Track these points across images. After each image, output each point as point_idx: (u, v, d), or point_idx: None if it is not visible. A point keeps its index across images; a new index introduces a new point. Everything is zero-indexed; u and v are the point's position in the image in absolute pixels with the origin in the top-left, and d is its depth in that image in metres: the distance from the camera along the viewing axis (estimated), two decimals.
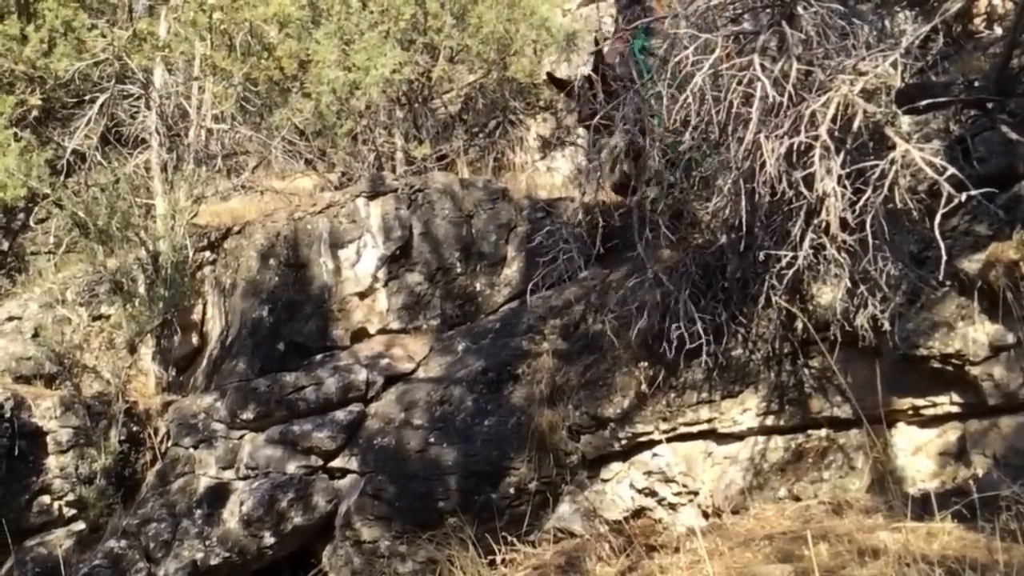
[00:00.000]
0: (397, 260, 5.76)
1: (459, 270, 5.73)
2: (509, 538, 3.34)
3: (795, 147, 3.20)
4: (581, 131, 7.71)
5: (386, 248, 5.78)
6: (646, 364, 3.83)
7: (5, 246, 8.19)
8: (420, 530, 3.95)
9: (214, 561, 4.73)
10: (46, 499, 5.03)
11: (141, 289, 5.87)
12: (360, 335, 5.68)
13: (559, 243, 4.39)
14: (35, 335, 5.98)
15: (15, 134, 6.82)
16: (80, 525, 5.10)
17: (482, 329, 5.31)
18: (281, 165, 8.01)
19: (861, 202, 3.08)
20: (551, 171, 8.33)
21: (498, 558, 3.14)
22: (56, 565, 4.70)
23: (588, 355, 4.36)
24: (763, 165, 3.25)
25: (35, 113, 7.39)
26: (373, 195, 5.95)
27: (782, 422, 3.78)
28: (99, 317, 6.13)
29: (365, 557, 4.27)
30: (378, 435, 4.77)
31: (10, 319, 6.21)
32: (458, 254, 5.76)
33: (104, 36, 6.47)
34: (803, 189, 3.24)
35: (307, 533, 4.75)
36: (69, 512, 5.13)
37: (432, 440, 4.52)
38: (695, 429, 3.84)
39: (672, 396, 3.86)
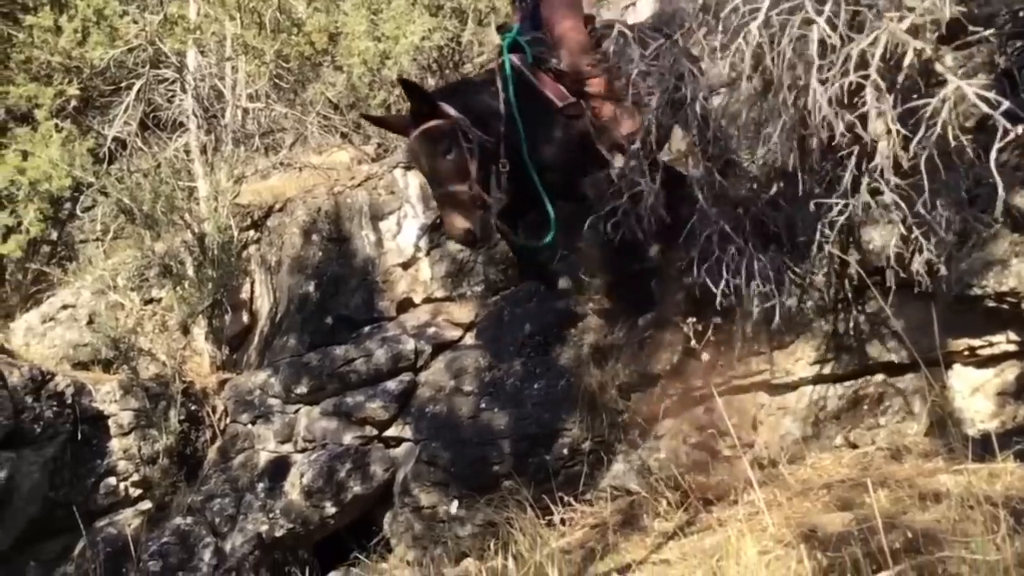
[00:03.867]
0: (438, 228, 5.76)
1: (498, 238, 5.72)
2: (565, 498, 3.35)
3: (845, 88, 3.12)
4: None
5: (426, 217, 5.79)
6: (695, 319, 3.80)
7: (54, 236, 8.34)
8: (477, 494, 3.98)
9: (278, 532, 4.82)
10: (112, 481, 5.16)
11: (190, 271, 5.96)
12: (405, 305, 5.71)
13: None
14: (90, 322, 6.11)
15: (56, 125, 6.93)
16: (147, 504, 5.24)
17: (526, 293, 5.31)
18: (317, 140, 8.04)
19: (914, 142, 3.00)
20: None
21: (556, 518, 3.15)
22: (126, 544, 4.83)
23: (635, 312, 4.34)
24: (813, 111, 3.17)
25: (74, 103, 7.50)
26: (410, 165, 5.95)
27: (837, 370, 3.73)
28: (150, 301, 6.24)
29: (425, 522, 4.32)
30: (430, 403, 4.81)
31: (64, 307, 6.35)
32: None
33: (136, 22, 6.52)
34: (854, 132, 3.17)
35: (367, 502, 4.82)
36: (135, 492, 5.26)
37: (483, 405, 4.55)
38: (747, 381, 3.80)
39: (723, 349, 3.83)
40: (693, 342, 3.26)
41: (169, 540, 4.89)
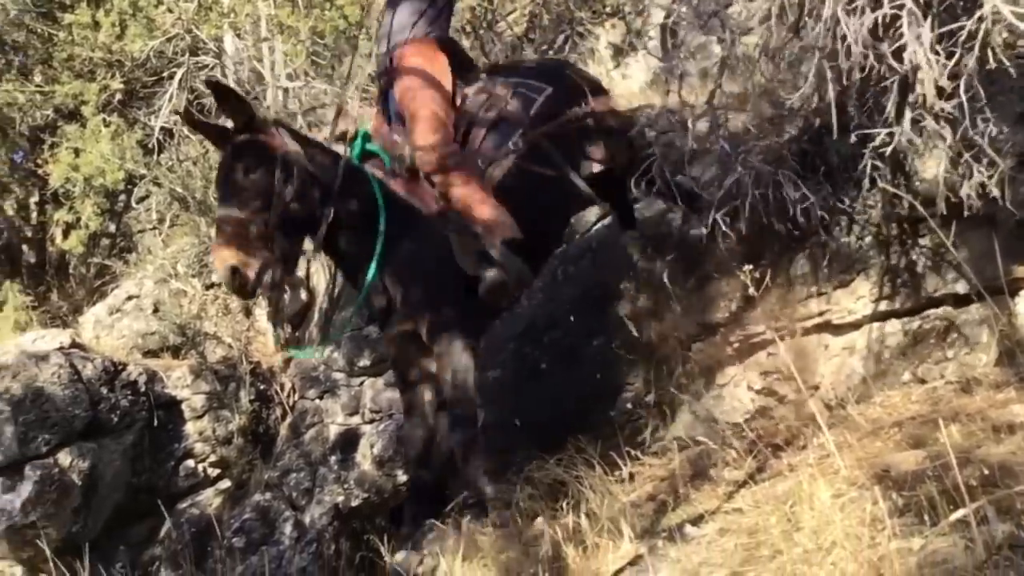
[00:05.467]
0: None
1: None
2: (632, 452, 3.37)
3: (880, 20, 3.03)
4: (653, 33, 7.51)
5: None
6: (751, 264, 3.76)
7: (112, 228, 8.55)
8: (544, 454, 4.02)
9: (354, 503, 4.94)
10: (190, 463, 5.33)
11: None
12: None
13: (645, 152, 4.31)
14: (155, 310, 6.27)
15: (104, 120, 7.07)
16: (225, 483, 5.41)
17: (579, 250, 5.30)
18: (357, 112, 8.06)
19: (953, 65, 2.92)
20: (626, 78, 8.14)
21: (624, 472, 3.17)
22: (209, 522, 5.00)
23: (689, 262, 4.30)
24: (847, 45, 3.09)
25: (119, 97, 7.62)
26: None
27: (898, 306, 3.67)
28: (211, 286, 6.37)
29: (494, 484, 4.39)
30: (490, 366, 4.85)
31: (129, 298, 6.52)
32: None
33: (171, 11, 6.58)
34: (893, 62, 3.08)
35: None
36: (213, 472, 5.43)
37: (543, 366, 4.57)
38: (809, 323, 3.77)
39: (781, 293, 3.79)
40: (751, 289, 3.22)
41: (250, 516, 5.05)
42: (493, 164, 3.54)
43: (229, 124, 3.27)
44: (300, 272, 4.94)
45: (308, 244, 3.73)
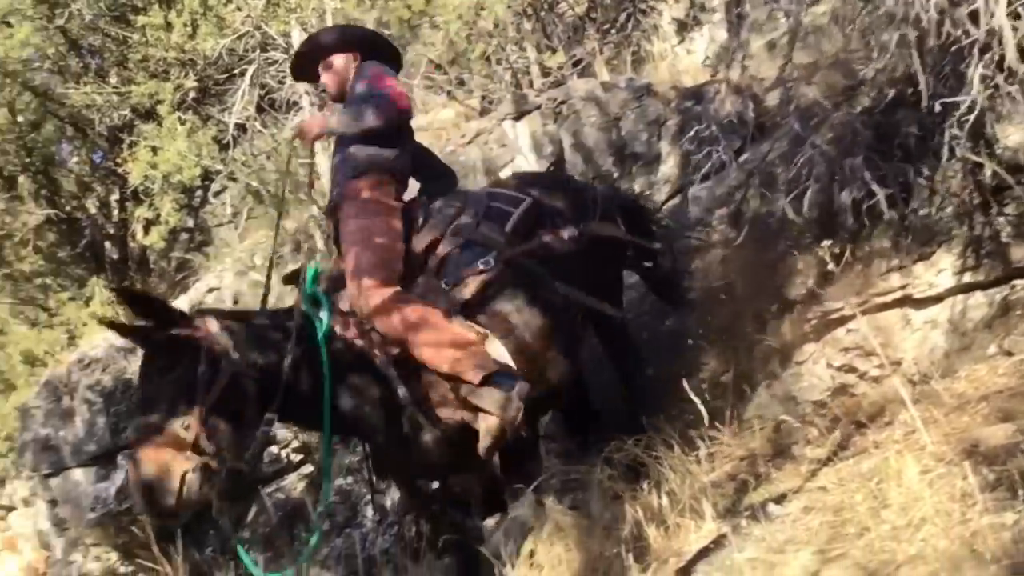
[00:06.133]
0: None
1: (615, 175, 5.69)
2: (710, 433, 3.35)
3: None
4: (718, 6, 7.40)
5: (539, 166, 5.81)
6: (827, 239, 3.71)
7: (190, 223, 8.79)
8: (623, 435, 4.04)
9: (434, 486, 5.01)
10: (274, 449, 5.48)
11: (320, 244, 6.19)
12: None
13: (713, 129, 4.27)
14: (235, 302, 6.44)
15: (179, 118, 7.26)
16: (308, 468, 5.54)
17: None
18: (422, 99, 8.13)
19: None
20: (691, 54, 8.05)
21: (702, 453, 3.16)
22: (295, 506, 5.15)
23: (763, 239, 4.25)
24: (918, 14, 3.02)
25: (192, 95, 7.83)
26: (518, 116, 5.96)
27: (982, 277, 3.57)
28: (289, 278, 6.51)
29: (573, 467, 4.42)
30: None
31: (210, 291, 6.70)
32: (611, 159, 5.71)
33: (240, 9, 6.72)
34: (970, 26, 3.00)
35: (514, 449, 4.95)
36: (296, 458, 5.57)
37: None
38: (889, 298, 3.69)
39: (860, 268, 3.73)
40: (830, 264, 3.17)
41: (333, 500, 5.17)
42: (459, 285, 3.17)
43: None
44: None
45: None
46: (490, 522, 3.62)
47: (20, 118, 8.23)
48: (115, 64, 8.37)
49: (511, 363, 3.03)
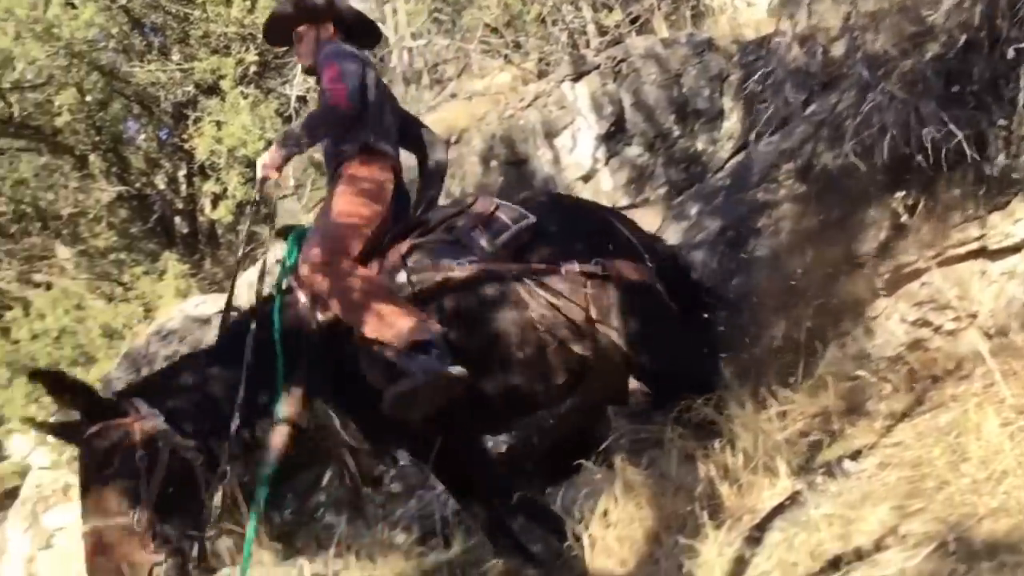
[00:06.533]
0: (613, 137, 5.74)
1: (677, 133, 5.62)
2: (781, 391, 3.32)
3: None
4: None
5: (600, 127, 5.77)
6: (899, 191, 3.61)
7: (257, 196, 8.92)
8: (694, 396, 4.03)
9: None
10: None
11: None
12: None
13: (777, 83, 4.18)
14: None
15: (242, 92, 7.37)
16: None
17: (712, 189, 5.21)
18: (480, 64, 8.11)
19: None
20: (751, 6, 7.87)
21: (773, 411, 3.14)
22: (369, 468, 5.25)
23: (832, 193, 4.17)
24: None
25: (253, 69, 7.93)
26: (577, 76, 5.92)
27: None
28: None
29: (643, 427, 4.43)
30: None
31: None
32: (673, 117, 5.64)
33: None
34: None
35: (582, 413, 4.96)
36: None
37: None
38: (963, 250, 3.59)
39: (933, 220, 3.63)
40: (904, 216, 3.10)
41: (404, 464, 5.26)
42: (421, 273, 3.10)
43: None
44: None
45: None
46: (560, 482, 3.67)
47: (88, 98, 8.43)
48: (177, 41, 8.51)
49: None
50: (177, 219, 8.92)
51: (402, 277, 3.07)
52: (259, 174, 3.22)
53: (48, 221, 8.84)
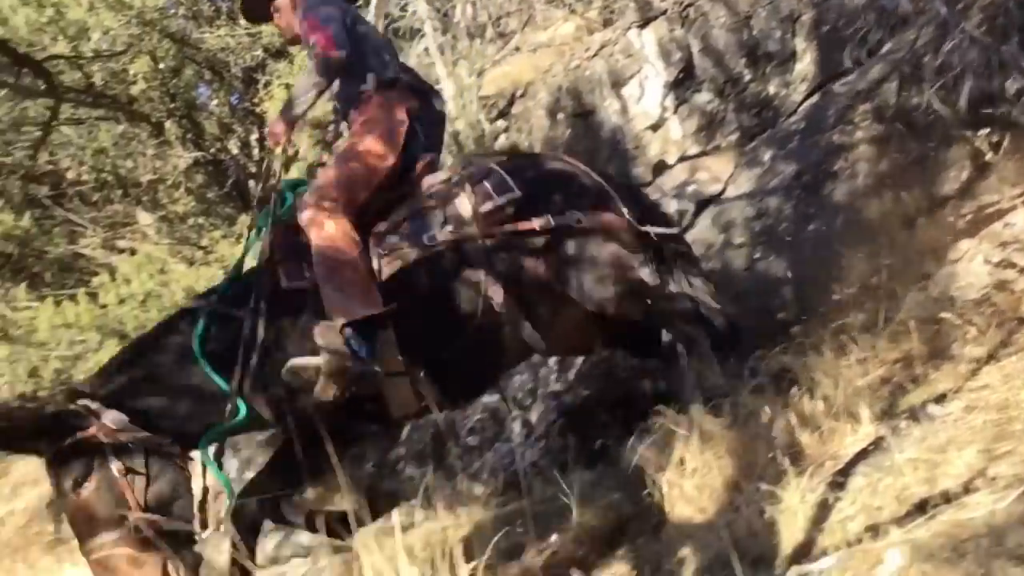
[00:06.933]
0: (682, 84, 5.64)
1: (748, 78, 5.50)
2: (861, 336, 3.27)
3: None
4: None
5: (668, 74, 5.68)
6: (982, 130, 3.50)
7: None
8: (764, 344, 3.99)
9: (577, 400, 5.11)
10: None
11: None
12: (660, 168, 5.69)
13: (850, 21, 4.05)
14: None
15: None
16: None
17: (786, 133, 5.10)
18: (544, 15, 8.01)
19: None
20: None
21: (854, 358, 3.10)
22: (445, 425, 5.35)
23: (911, 134, 4.05)
24: None
25: None
26: (643, 23, 5.82)
27: None
28: None
29: (716, 377, 4.41)
30: (701, 261, 4.81)
31: None
32: (743, 61, 5.52)
33: None
34: None
35: (653, 362, 4.97)
36: None
37: (757, 255, 4.49)
38: None
39: (1017, 158, 3.51)
40: (988, 155, 2.99)
41: (481, 417, 5.35)
42: (391, 256, 3.03)
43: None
44: None
45: None
46: (635, 432, 3.68)
47: (161, 65, 8.59)
48: None
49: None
50: (251, 183, 9.09)
51: (381, 251, 3.03)
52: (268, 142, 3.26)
53: (128, 188, 9.10)
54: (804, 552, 2.05)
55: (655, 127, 5.70)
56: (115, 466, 2.54)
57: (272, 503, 2.91)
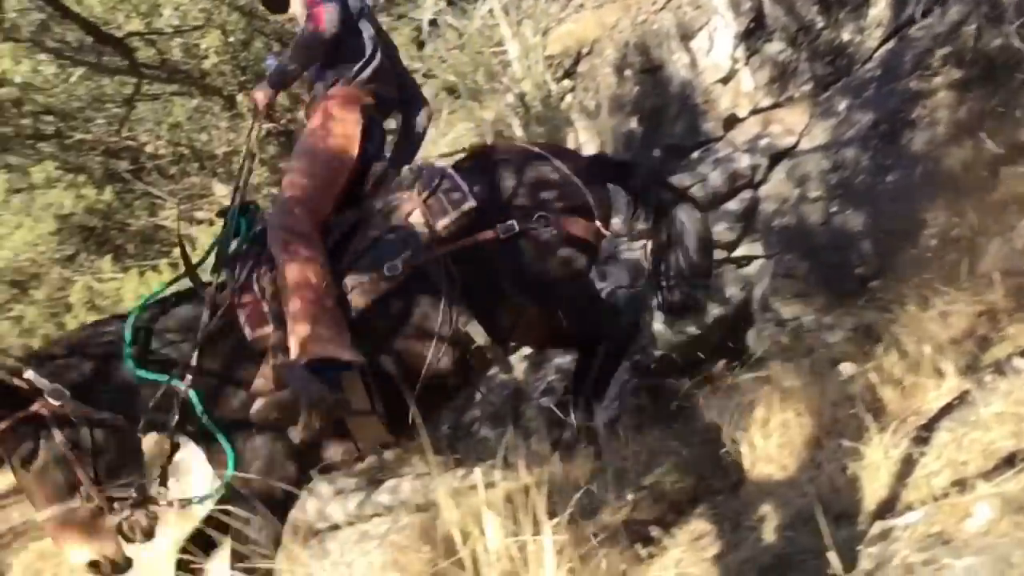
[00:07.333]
0: (752, 34, 5.51)
1: (820, 25, 5.33)
2: (943, 289, 3.20)
3: None
4: None
5: (738, 24, 5.54)
6: None
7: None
8: (842, 300, 3.93)
9: (649, 361, 5.10)
10: None
11: (518, 131, 6.28)
12: (732, 121, 5.58)
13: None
14: None
15: None
16: (527, 350, 5.78)
17: (861, 81, 4.95)
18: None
19: None
20: None
21: (935, 311, 3.04)
22: (518, 386, 5.41)
23: (993, 77, 3.91)
24: None
25: None
26: None
27: None
28: None
29: (791, 334, 4.36)
30: (775, 216, 4.74)
31: None
32: (815, 8, 5.34)
33: None
34: None
35: (726, 322, 4.93)
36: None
37: (834, 209, 4.40)
38: None
39: None
40: None
41: (554, 378, 5.38)
42: (358, 289, 2.95)
43: None
44: None
45: None
46: (711, 391, 3.67)
47: (231, 39, 8.73)
48: None
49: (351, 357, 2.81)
50: None
51: (349, 286, 2.96)
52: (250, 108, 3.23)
53: (204, 161, 9.31)
54: (888, 507, 2.04)
55: (725, 80, 5.58)
56: (60, 440, 2.62)
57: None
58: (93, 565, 2.61)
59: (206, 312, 2.85)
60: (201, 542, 2.85)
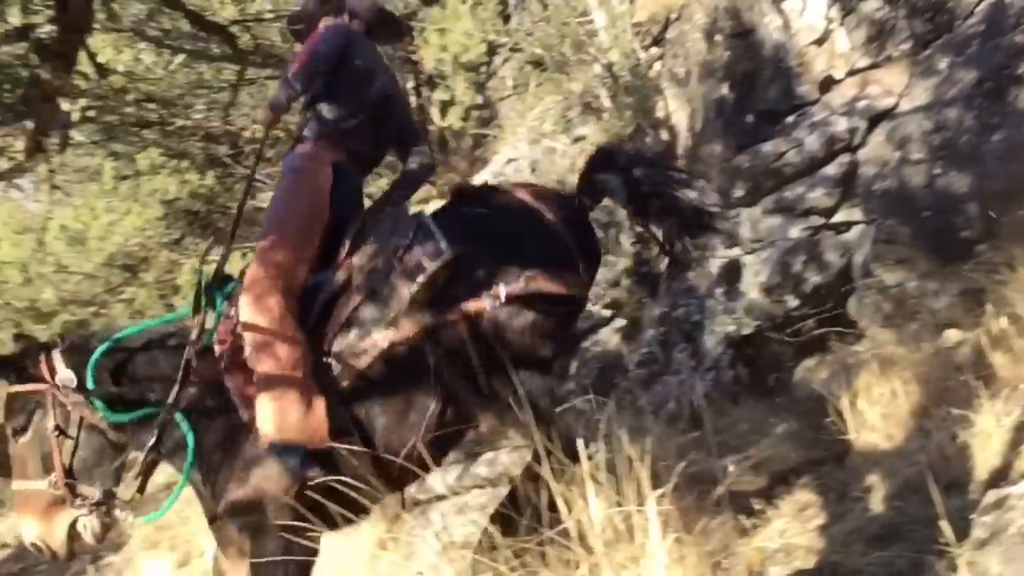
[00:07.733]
0: None
1: None
2: None
3: None
4: None
5: None
6: None
7: (480, 100, 9.14)
8: (947, 264, 3.82)
9: (746, 331, 5.04)
10: (588, 306, 5.76)
11: (606, 102, 6.23)
12: (828, 84, 5.42)
13: None
14: (532, 170, 6.71)
15: None
16: (620, 322, 5.79)
17: (963, 37, 4.76)
18: None
19: None
20: None
21: None
22: (612, 358, 5.43)
23: None
24: None
25: None
26: None
27: None
28: (578, 139, 6.65)
29: (894, 301, 4.25)
30: (876, 180, 4.62)
31: (509, 161, 7.02)
32: None
33: None
34: None
35: (827, 290, 4.83)
36: (607, 313, 5.83)
37: (937, 171, 4.26)
38: None
39: None
40: None
41: (648, 350, 5.38)
42: (342, 371, 2.76)
43: None
44: None
45: None
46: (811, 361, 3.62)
47: None
48: None
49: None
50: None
51: (337, 365, 2.79)
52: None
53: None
54: (1001, 475, 1.99)
55: (820, 41, 5.42)
56: (50, 425, 2.70)
57: None
58: (35, 544, 2.70)
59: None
60: None
